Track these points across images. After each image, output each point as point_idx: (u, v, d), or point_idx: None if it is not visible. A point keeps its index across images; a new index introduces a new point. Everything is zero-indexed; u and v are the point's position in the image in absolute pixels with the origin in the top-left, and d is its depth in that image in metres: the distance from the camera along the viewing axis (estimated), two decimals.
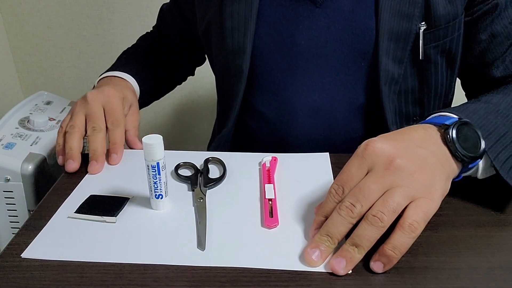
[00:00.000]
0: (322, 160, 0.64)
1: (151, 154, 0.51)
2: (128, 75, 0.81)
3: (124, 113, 0.68)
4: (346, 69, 0.69)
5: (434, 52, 0.68)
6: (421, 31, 0.66)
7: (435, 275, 0.44)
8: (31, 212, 0.81)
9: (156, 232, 0.50)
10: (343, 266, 0.44)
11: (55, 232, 0.51)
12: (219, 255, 0.47)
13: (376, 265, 0.44)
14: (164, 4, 0.95)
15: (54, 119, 1.25)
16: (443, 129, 0.50)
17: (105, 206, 0.54)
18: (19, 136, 1.14)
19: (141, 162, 0.53)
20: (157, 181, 0.52)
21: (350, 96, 0.71)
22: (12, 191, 1.06)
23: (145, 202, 0.55)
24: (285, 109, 0.73)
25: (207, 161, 0.64)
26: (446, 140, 0.49)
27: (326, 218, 0.47)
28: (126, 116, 0.69)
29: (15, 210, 1.08)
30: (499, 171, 0.51)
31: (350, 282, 0.43)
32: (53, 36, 1.48)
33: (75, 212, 0.53)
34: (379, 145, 0.47)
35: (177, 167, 0.62)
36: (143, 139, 0.51)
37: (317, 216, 0.48)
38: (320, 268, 0.45)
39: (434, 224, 0.47)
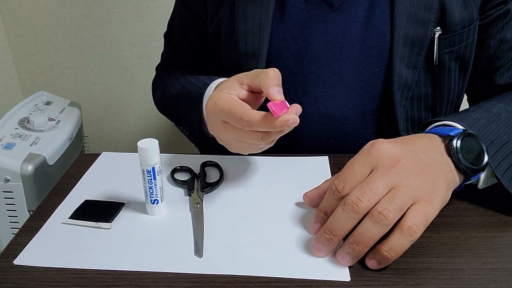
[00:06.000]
0: (321, 163, 0.63)
1: (146, 158, 0.50)
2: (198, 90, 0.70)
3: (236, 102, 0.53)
4: (360, 74, 0.68)
5: (448, 57, 0.68)
6: (436, 36, 0.66)
7: (436, 276, 0.44)
8: (31, 213, 0.81)
9: (152, 239, 0.50)
10: (346, 260, 0.44)
11: (48, 238, 0.50)
12: (217, 262, 0.46)
13: (371, 263, 0.44)
14: (165, 32, 0.88)
15: (54, 119, 1.25)
16: (448, 140, 0.50)
17: (100, 211, 0.54)
18: (19, 136, 1.14)
19: (136, 166, 0.52)
20: (152, 186, 0.52)
21: (362, 103, 0.70)
22: (12, 191, 1.06)
23: (140, 207, 0.55)
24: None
25: (203, 165, 0.63)
26: (449, 151, 0.50)
27: (326, 214, 0.48)
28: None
29: (15, 210, 1.08)
30: (501, 180, 0.52)
31: (351, 283, 0.43)
32: (53, 36, 1.48)
33: (69, 218, 0.53)
34: (385, 145, 0.47)
35: (173, 171, 0.61)
36: (138, 143, 0.50)
37: (317, 212, 0.48)
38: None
39: (434, 225, 0.47)
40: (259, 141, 0.51)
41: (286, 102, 0.50)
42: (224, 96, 0.52)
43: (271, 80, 0.50)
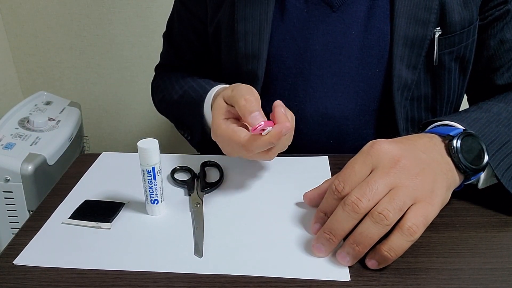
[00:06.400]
0: (321, 163, 0.63)
1: (146, 158, 0.50)
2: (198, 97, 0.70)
3: (221, 122, 0.55)
4: (360, 75, 0.68)
5: (448, 58, 0.68)
6: (436, 36, 0.66)
7: (436, 276, 0.44)
8: (31, 213, 0.81)
9: (152, 239, 0.50)
10: (346, 260, 0.44)
11: (48, 238, 0.50)
12: (217, 262, 0.46)
13: (371, 263, 0.44)
14: (164, 32, 0.88)
15: (54, 119, 1.25)
16: (448, 140, 0.51)
17: (99, 211, 0.54)
18: (19, 136, 1.14)
19: (136, 166, 0.52)
20: (152, 186, 0.52)
21: (362, 103, 0.70)
22: (12, 191, 1.06)
23: (140, 207, 0.55)
24: (295, 115, 0.70)
25: (203, 165, 0.63)
26: (449, 151, 0.50)
27: (326, 214, 0.48)
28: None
29: (15, 210, 1.08)
30: (501, 179, 0.52)
31: (351, 283, 0.43)
32: (53, 36, 1.48)
33: (69, 218, 0.53)
34: (385, 145, 0.47)
35: (173, 171, 0.61)
36: (138, 143, 0.50)
37: (317, 212, 0.49)
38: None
39: (434, 225, 0.47)
40: (265, 156, 0.54)
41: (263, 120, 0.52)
42: (222, 126, 0.55)
43: (245, 110, 0.52)
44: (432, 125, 0.57)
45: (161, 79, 0.85)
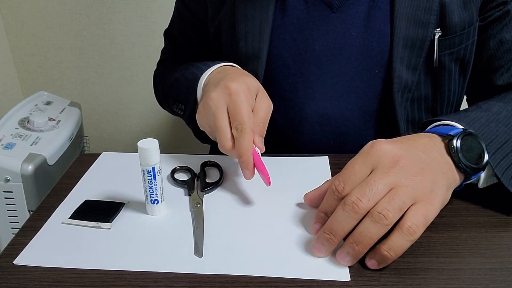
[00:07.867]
0: (321, 163, 0.63)
1: (146, 158, 0.50)
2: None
3: (250, 110, 0.56)
4: (360, 76, 0.68)
5: (448, 59, 0.68)
6: (436, 38, 0.66)
7: (436, 276, 0.44)
8: (31, 213, 0.81)
9: (152, 239, 0.50)
10: (346, 260, 0.44)
11: (48, 238, 0.50)
12: (217, 262, 0.46)
13: (371, 263, 0.44)
14: (166, 29, 0.88)
15: (54, 119, 1.25)
16: (447, 139, 0.51)
17: (100, 211, 0.54)
18: (19, 136, 1.14)
19: (136, 166, 0.52)
20: (152, 186, 0.52)
21: (362, 104, 0.70)
22: (12, 191, 1.06)
23: (140, 207, 0.55)
24: (295, 115, 0.71)
25: (203, 165, 0.63)
26: (449, 151, 0.50)
27: (326, 214, 0.48)
28: (253, 110, 0.57)
29: (15, 210, 1.08)
30: (501, 179, 0.52)
31: (351, 283, 0.43)
32: (53, 36, 1.48)
33: (69, 218, 0.53)
34: (385, 145, 0.47)
35: (173, 171, 0.62)
36: (138, 143, 0.50)
37: (317, 212, 0.49)
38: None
39: (434, 225, 0.47)
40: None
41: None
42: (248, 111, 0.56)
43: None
44: (432, 125, 0.57)
45: (164, 65, 0.86)
